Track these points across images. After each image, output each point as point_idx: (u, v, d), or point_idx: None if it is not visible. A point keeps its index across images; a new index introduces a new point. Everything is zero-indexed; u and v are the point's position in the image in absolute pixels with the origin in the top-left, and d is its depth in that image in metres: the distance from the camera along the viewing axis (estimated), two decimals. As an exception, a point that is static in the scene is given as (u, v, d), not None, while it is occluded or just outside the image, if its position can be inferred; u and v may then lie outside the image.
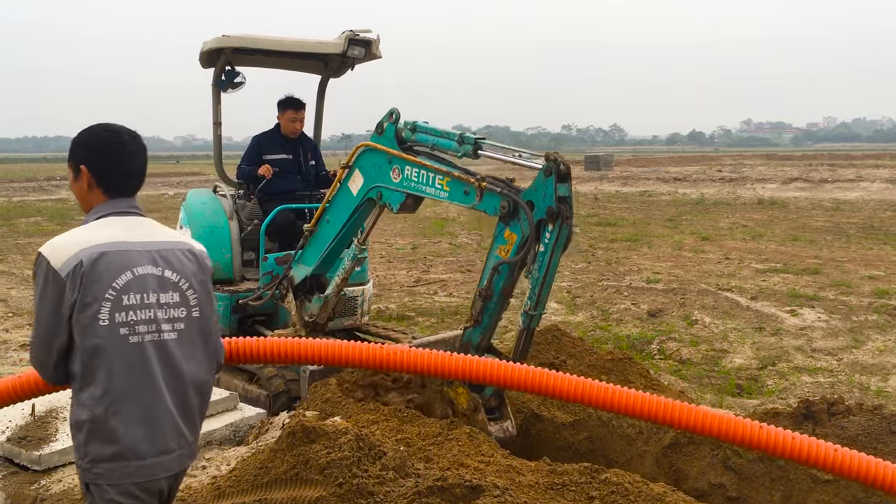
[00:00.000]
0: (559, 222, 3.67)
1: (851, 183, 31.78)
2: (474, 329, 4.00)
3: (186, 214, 5.94)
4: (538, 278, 3.74)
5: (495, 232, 3.91)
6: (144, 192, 17.33)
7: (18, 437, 4.11)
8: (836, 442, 3.79)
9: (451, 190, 4.18)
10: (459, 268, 12.54)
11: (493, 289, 3.88)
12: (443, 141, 4.33)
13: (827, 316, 8.59)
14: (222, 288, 5.73)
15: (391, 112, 4.63)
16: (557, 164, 3.68)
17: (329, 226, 5.03)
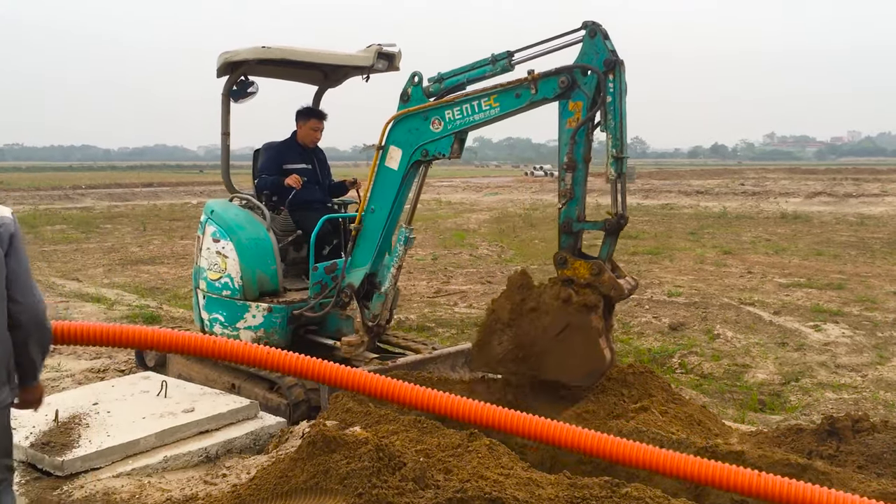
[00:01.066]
0: (617, 70, 4.12)
1: (876, 198, 31.45)
2: (570, 204, 4.31)
3: (222, 227, 5.84)
4: (615, 125, 4.15)
5: (559, 112, 4.31)
6: (168, 200, 17.77)
7: (42, 442, 4.16)
8: (860, 459, 3.75)
9: (502, 102, 4.52)
10: (480, 279, 12.53)
11: (576, 158, 4.23)
12: (475, 72, 4.68)
13: (851, 332, 8.49)
14: (276, 300, 5.72)
15: (413, 75, 4.94)
16: (597, 25, 4.17)
17: (375, 215, 5.16)
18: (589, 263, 4.25)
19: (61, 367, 7.00)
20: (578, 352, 4.21)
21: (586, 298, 4.19)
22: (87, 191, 40.47)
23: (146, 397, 4.92)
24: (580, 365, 4.25)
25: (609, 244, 4.38)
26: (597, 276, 4.20)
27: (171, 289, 11.65)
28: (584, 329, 4.20)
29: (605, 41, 4.15)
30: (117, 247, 17.30)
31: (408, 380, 4.87)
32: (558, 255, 4.36)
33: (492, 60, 4.58)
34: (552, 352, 4.29)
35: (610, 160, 4.19)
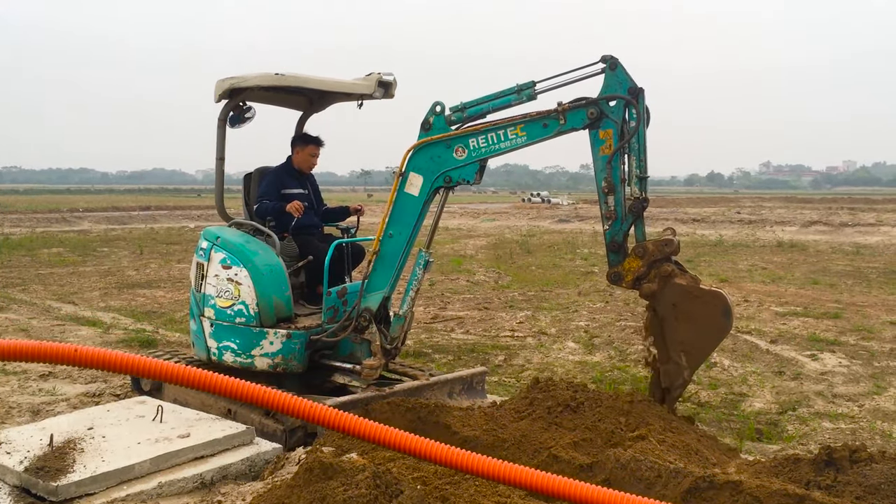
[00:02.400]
0: (640, 97, 4.45)
1: (872, 227, 31.60)
2: (614, 224, 4.57)
3: (233, 253, 5.78)
4: (640, 148, 4.46)
5: (591, 142, 4.57)
6: (165, 224, 17.83)
7: (36, 467, 4.13)
8: (858, 490, 3.73)
9: (529, 131, 4.73)
10: (477, 305, 12.53)
11: (614, 181, 4.50)
12: (499, 101, 4.85)
13: (848, 361, 8.49)
14: (294, 326, 5.70)
15: (435, 105, 5.09)
16: (615, 58, 4.49)
17: (394, 239, 5.22)
18: (632, 254, 4.51)
19: (56, 391, 6.97)
20: (699, 310, 4.33)
21: (661, 271, 4.40)
22: (84, 214, 40.50)
23: (142, 422, 4.89)
24: (711, 315, 4.34)
25: (640, 227, 4.58)
26: (644, 254, 4.46)
27: (168, 313, 11.63)
28: (683, 290, 4.36)
29: (625, 72, 4.47)
30: (114, 270, 17.28)
31: (405, 406, 4.89)
32: (610, 273, 4.60)
33: (517, 90, 4.77)
34: (690, 329, 4.40)
35: (634, 181, 4.48)
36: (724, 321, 4.33)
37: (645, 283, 4.44)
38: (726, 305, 4.31)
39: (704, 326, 4.32)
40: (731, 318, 4.34)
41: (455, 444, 4.46)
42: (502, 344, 9.44)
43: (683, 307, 4.34)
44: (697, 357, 4.43)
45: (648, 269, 4.43)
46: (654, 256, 4.42)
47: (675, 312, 4.37)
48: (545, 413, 4.86)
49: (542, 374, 7.68)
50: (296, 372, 5.70)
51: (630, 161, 4.50)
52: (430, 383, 5.63)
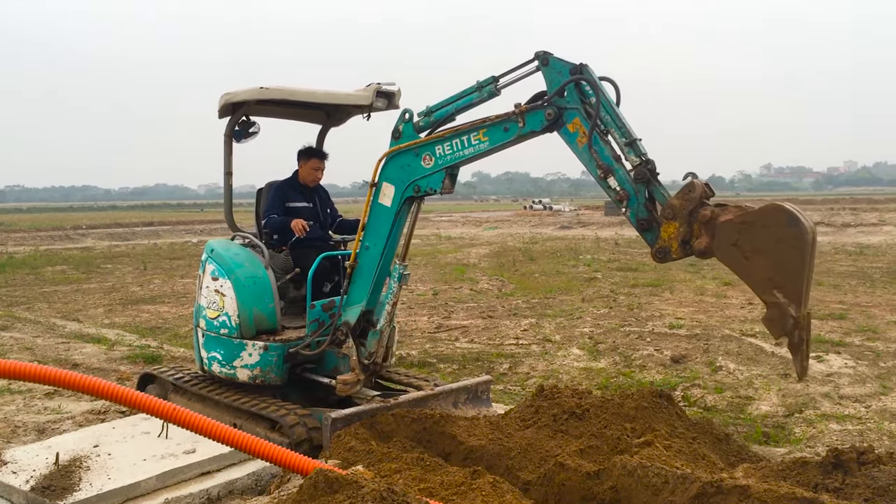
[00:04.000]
0: (585, 70, 4.16)
1: (874, 227, 31.56)
2: (630, 203, 4.12)
3: (221, 265, 5.87)
4: (612, 117, 4.12)
5: (565, 141, 4.27)
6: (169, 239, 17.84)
7: (42, 486, 4.13)
8: (867, 492, 3.72)
9: (491, 136, 4.51)
10: (481, 313, 12.51)
11: (606, 162, 4.12)
12: (462, 100, 4.66)
13: (854, 362, 8.46)
14: (272, 338, 5.72)
15: (403, 112, 4.93)
16: (546, 53, 4.26)
17: (370, 252, 5.13)
18: (663, 219, 4.00)
19: (62, 408, 6.96)
20: (763, 235, 3.71)
21: (701, 218, 3.85)
22: (87, 231, 40.59)
23: (147, 438, 4.90)
24: (777, 233, 3.68)
25: (657, 190, 4.11)
26: (674, 213, 3.92)
27: (172, 328, 11.63)
28: (734, 226, 3.77)
29: (559, 60, 4.23)
30: (118, 287, 17.30)
31: (410, 417, 4.88)
32: (654, 251, 4.07)
33: (477, 87, 4.57)
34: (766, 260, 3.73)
35: (626, 150, 4.10)
36: (795, 230, 3.63)
37: (694, 241, 3.88)
38: (789, 214, 3.65)
39: (778, 248, 3.67)
40: (800, 224, 3.62)
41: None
42: (507, 352, 9.43)
43: (746, 242, 3.74)
44: (794, 285, 3.67)
45: (689, 226, 3.90)
46: (687, 208, 3.89)
47: (742, 252, 3.76)
48: (551, 421, 4.85)
49: (547, 381, 7.66)
50: (274, 384, 5.70)
51: (612, 135, 4.17)
52: (435, 393, 5.61)
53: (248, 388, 5.83)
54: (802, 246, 3.63)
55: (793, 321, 3.65)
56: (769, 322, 3.73)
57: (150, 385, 6.64)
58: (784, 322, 3.67)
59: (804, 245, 3.63)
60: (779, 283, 3.68)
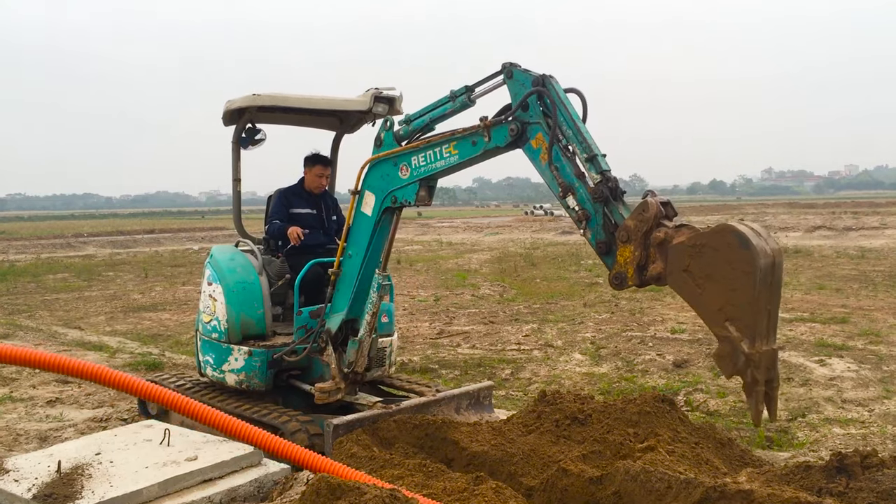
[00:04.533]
0: (548, 83, 3.99)
1: (876, 230, 31.54)
2: (590, 224, 3.84)
3: (215, 271, 5.98)
4: (573, 132, 3.90)
5: (529, 158, 4.08)
6: (170, 247, 17.83)
7: (44, 494, 4.12)
8: (871, 496, 3.70)
9: (460, 150, 4.41)
10: (482, 319, 12.50)
11: (567, 180, 3.88)
12: (438, 111, 4.56)
13: (856, 366, 8.45)
14: (258, 343, 5.75)
15: (385, 120, 4.85)
16: (512, 64, 4.14)
17: (352, 260, 5.11)
18: (618, 242, 3.66)
19: (63, 416, 6.96)
20: (713, 259, 3.32)
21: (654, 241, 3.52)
22: (88, 239, 40.61)
23: (149, 446, 4.88)
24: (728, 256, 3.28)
25: (615, 210, 3.76)
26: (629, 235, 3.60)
27: (174, 335, 11.63)
28: (684, 248, 3.42)
29: (524, 72, 4.08)
30: (119, 294, 17.31)
31: (412, 423, 4.87)
32: (611, 277, 3.73)
33: (451, 97, 4.44)
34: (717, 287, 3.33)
35: (586, 166, 3.82)
36: (746, 253, 3.21)
37: (650, 266, 3.53)
38: (739, 235, 3.25)
39: (730, 274, 3.25)
40: (751, 247, 3.20)
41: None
42: (509, 357, 9.42)
43: (697, 267, 3.35)
44: (746, 316, 3.22)
45: (645, 250, 3.55)
46: (641, 230, 3.54)
47: (694, 279, 3.36)
48: (553, 426, 4.84)
49: (549, 386, 7.65)
50: (258, 390, 5.73)
51: (574, 150, 3.89)
52: (437, 399, 5.61)
53: (249, 394, 5.84)
54: (754, 271, 3.19)
55: (744, 358, 3.21)
56: (718, 358, 3.34)
57: (152, 392, 6.65)
58: (735, 359, 3.24)
59: (755, 270, 3.19)
60: (731, 314, 3.27)
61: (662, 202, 3.61)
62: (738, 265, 3.22)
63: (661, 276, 3.50)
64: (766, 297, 3.21)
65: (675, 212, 3.64)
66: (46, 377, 8.64)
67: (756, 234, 3.26)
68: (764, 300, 3.21)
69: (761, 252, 3.20)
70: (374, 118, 6.32)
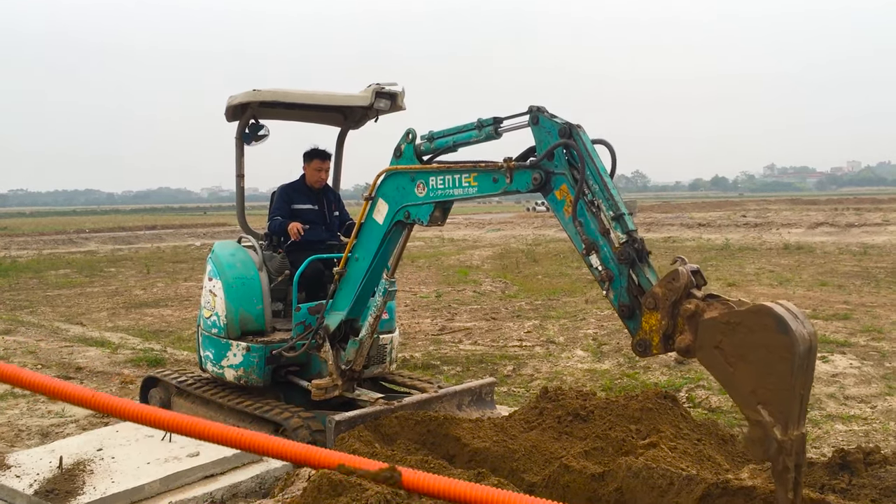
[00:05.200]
0: (575, 133, 3.82)
1: (878, 227, 31.47)
2: (613, 285, 3.69)
3: (216, 266, 5.98)
4: (600, 187, 3.73)
5: (552, 208, 3.95)
6: (172, 243, 17.82)
7: (46, 490, 4.12)
8: (874, 493, 3.70)
9: (480, 183, 4.30)
10: (484, 315, 12.50)
11: (592, 237, 3.73)
12: (462, 135, 4.44)
13: (859, 362, 8.43)
14: (256, 339, 5.75)
15: (407, 132, 4.74)
16: (539, 109, 3.96)
17: (358, 263, 5.08)
18: (644, 309, 3.54)
19: (65, 412, 6.96)
20: (748, 340, 3.16)
21: (684, 313, 3.37)
22: (90, 235, 40.64)
23: (151, 442, 4.89)
24: (764, 339, 3.12)
25: (642, 274, 3.65)
26: (656, 303, 3.48)
27: (176, 331, 11.64)
28: (718, 325, 3.25)
29: (551, 119, 3.92)
30: (121, 290, 17.32)
31: (414, 419, 4.87)
32: (634, 344, 3.58)
33: (478, 126, 4.31)
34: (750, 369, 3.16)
35: (612, 224, 3.70)
36: (784, 338, 3.06)
37: (677, 337, 3.39)
38: (778, 319, 3.10)
39: (765, 358, 3.12)
40: (790, 332, 3.05)
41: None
42: (511, 354, 9.41)
43: (729, 346, 3.19)
44: (781, 402, 3.08)
45: (673, 319, 3.42)
46: (670, 299, 3.42)
47: (725, 357, 3.21)
48: (555, 422, 4.84)
49: (551, 383, 7.65)
50: (256, 385, 5.73)
51: (599, 205, 3.75)
52: (439, 395, 5.60)
53: (249, 390, 5.84)
54: (791, 357, 3.05)
55: (777, 445, 3.05)
56: (750, 443, 3.14)
57: (154, 388, 6.65)
58: (767, 445, 3.07)
59: (793, 357, 3.04)
60: (764, 398, 3.11)
61: (692, 270, 3.49)
62: (775, 350, 3.07)
63: (689, 348, 3.34)
64: (800, 382, 3.09)
65: (703, 280, 3.54)
66: (48, 372, 8.65)
67: (794, 317, 3.12)
68: (799, 385, 3.08)
69: (799, 337, 3.05)
70: (376, 114, 6.32)
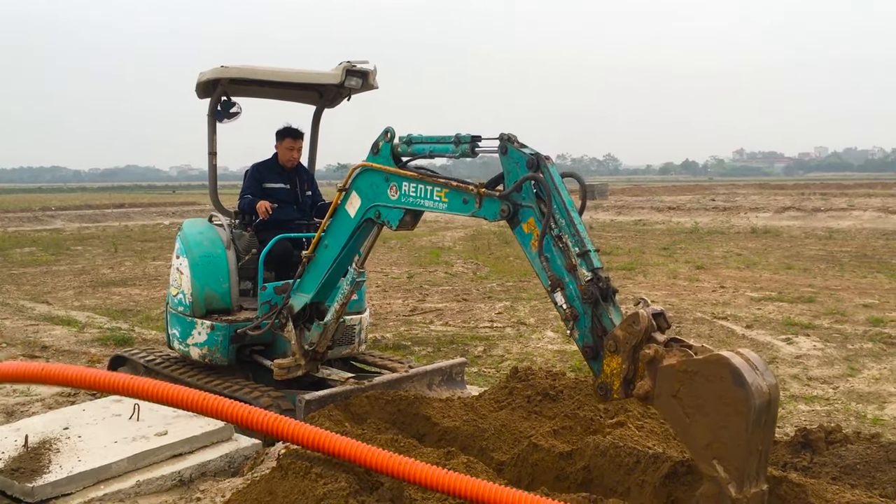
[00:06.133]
0: (542, 165, 3.71)
1: (843, 212, 31.96)
2: (578, 324, 3.56)
3: (183, 244, 5.93)
4: (566, 222, 3.59)
5: (519, 241, 3.83)
6: (140, 221, 17.60)
7: (11, 468, 4.07)
8: (834, 471, 3.78)
9: (450, 200, 4.25)
10: (455, 297, 12.53)
11: (558, 273, 3.61)
12: (439, 146, 4.38)
13: (822, 344, 8.59)
14: (220, 318, 5.72)
15: (386, 131, 4.65)
16: (509, 139, 3.87)
17: (327, 251, 5.03)
18: (605, 352, 3.39)
19: (31, 391, 6.87)
20: (705, 390, 3.02)
21: (642, 358, 3.26)
22: (56, 213, 39.97)
23: (118, 421, 4.85)
24: (720, 391, 2.96)
25: (605, 314, 3.48)
26: (617, 345, 3.34)
27: (144, 311, 11.52)
28: (676, 373, 3.13)
29: (519, 150, 3.82)
30: (88, 269, 17.09)
31: (384, 398, 4.88)
32: (596, 387, 3.46)
33: (455, 141, 4.22)
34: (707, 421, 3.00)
35: (577, 261, 3.54)
36: (740, 391, 2.90)
37: (637, 382, 3.25)
38: (734, 371, 2.94)
39: (721, 410, 2.95)
40: (746, 385, 2.89)
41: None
42: (481, 335, 9.45)
43: (686, 396, 3.04)
44: (736, 458, 2.91)
45: (633, 363, 3.27)
46: (630, 343, 3.28)
47: (682, 407, 3.06)
48: (525, 402, 4.87)
49: (521, 363, 7.70)
50: (221, 364, 5.73)
51: (566, 241, 3.60)
52: (410, 375, 5.62)
53: (217, 369, 5.81)
54: (747, 412, 2.88)
55: (731, 503, 2.88)
56: (704, 499, 2.97)
57: (122, 367, 6.59)
58: (721, 502, 2.91)
59: (749, 411, 2.87)
60: (719, 452, 2.94)
61: (655, 313, 3.37)
62: (730, 403, 2.92)
63: (648, 395, 3.22)
64: (758, 437, 2.94)
65: (667, 323, 3.41)
66: (12, 351, 8.54)
67: (752, 368, 2.98)
68: (756, 441, 2.94)
69: (756, 391, 2.89)
70: (349, 92, 6.27)
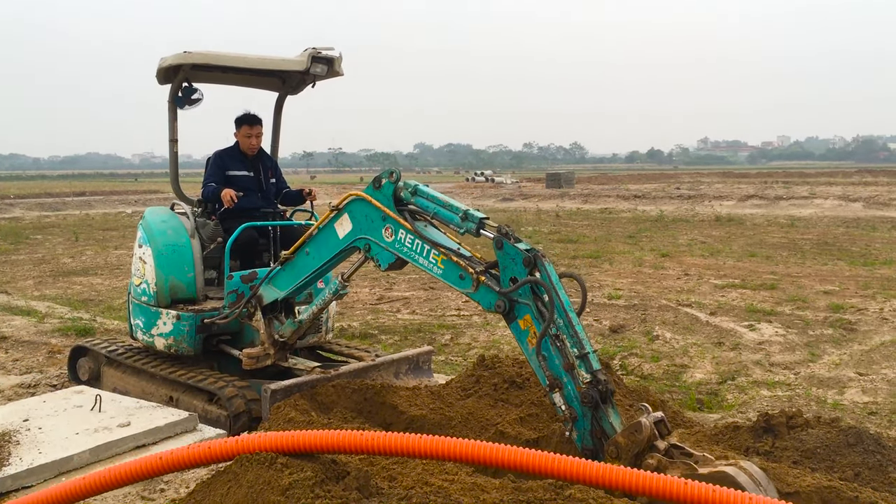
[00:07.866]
0: (539, 262, 3.71)
1: (805, 200, 32.54)
2: (577, 425, 3.56)
3: (146, 233, 5.83)
4: (565, 322, 3.60)
5: (515, 336, 3.80)
6: (101, 210, 17.33)
7: (-31, 462, 3.99)
8: (795, 455, 3.85)
9: (446, 269, 4.11)
10: (423, 285, 12.52)
11: (557, 374, 3.60)
12: (445, 212, 4.21)
13: (784, 330, 8.73)
14: (186, 307, 5.64)
15: (391, 171, 4.45)
16: (503, 232, 3.87)
17: (308, 258, 4.91)
18: (607, 457, 3.36)
19: (-11, 383, 6.73)
20: None
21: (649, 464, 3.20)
22: (15, 201, 39.16)
23: (80, 412, 4.78)
24: None
25: (605, 419, 3.47)
26: (618, 452, 3.31)
27: (106, 300, 11.34)
28: None
29: (514, 245, 3.81)
30: (48, 258, 16.78)
31: (351, 387, 4.86)
32: None
33: (463, 216, 4.14)
34: None
35: (576, 363, 3.54)
36: None
37: None
38: (737, 486, 2.90)
39: None
40: None
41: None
42: (448, 323, 9.46)
43: None
44: None
45: None
46: (632, 451, 3.28)
47: None
48: (491, 390, 4.89)
49: (488, 351, 7.72)
50: (187, 355, 5.66)
51: (563, 340, 3.60)
52: (377, 364, 5.60)
53: (182, 359, 5.74)
54: None
55: None
56: None
57: (83, 358, 6.47)
58: None
59: None
60: None
61: (656, 420, 3.36)
62: None
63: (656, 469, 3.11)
64: None
65: (668, 430, 3.42)
66: (-29, 343, 8.36)
67: (756, 484, 2.97)
68: None
69: None
70: (313, 79, 6.20)
